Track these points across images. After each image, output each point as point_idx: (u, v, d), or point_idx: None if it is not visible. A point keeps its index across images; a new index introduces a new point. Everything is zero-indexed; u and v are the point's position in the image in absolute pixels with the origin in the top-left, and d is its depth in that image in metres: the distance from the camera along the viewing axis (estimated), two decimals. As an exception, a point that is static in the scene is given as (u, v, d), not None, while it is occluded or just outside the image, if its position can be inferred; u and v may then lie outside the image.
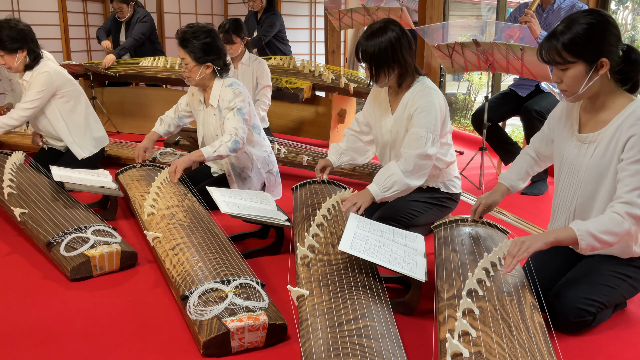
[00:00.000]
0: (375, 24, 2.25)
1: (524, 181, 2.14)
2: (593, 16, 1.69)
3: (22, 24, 3.10)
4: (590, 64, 1.69)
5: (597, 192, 1.78)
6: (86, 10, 6.51)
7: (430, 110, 2.22)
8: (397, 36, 2.21)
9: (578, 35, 1.67)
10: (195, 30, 2.71)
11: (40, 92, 3.13)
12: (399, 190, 2.23)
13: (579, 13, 1.72)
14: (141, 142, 3.01)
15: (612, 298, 1.81)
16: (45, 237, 2.28)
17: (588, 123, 1.83)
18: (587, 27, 1.67)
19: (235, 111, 2.73)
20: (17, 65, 3.10)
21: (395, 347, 1.45)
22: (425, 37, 3.79)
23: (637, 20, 5.36)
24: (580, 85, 1.72)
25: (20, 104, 3.14)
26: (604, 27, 1.68)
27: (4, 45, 3.03)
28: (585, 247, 1.63)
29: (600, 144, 1.75)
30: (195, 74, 2.77)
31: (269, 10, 5.20)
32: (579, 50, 1.68)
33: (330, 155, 2.63)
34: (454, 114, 6.96)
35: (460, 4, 7.37)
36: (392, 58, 2.22)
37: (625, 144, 1.68)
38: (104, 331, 1.80)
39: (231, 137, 2.67)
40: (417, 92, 2.28)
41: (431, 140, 2.21)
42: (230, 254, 2.05)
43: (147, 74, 4.82)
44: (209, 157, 2.65)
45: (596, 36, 1.67)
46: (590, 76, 1.70)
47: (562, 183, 1.91)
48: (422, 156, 2.21)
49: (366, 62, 2.25)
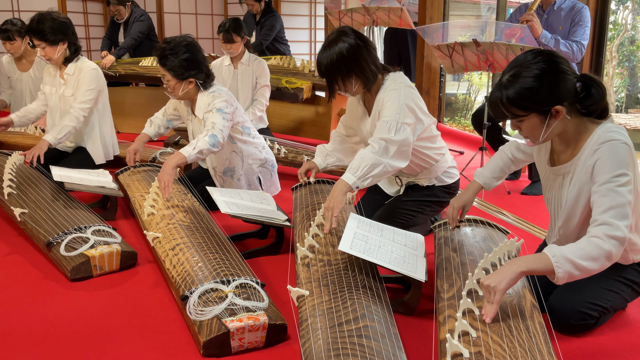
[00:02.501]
0: (330, 36, 2.21)
1: (499, 180, 2.09)
2: (539, 64, 1.58)
3: (63, 16, 3.14)
4: (544, 114, 1.60)
5: (579, 221, 1.73)
6: (86, 10, 6.51)
7: (395, 100, 2.17)
8: (349, 46, 2.15)
9: (524, 89, 1.57)
10: (173, 47, 2.63)
11: (92, 90, 3.17)
12: (368, 164, 2.10)
13: (528, 58, 1.60)
14: (131, 145, 2.99)
15: (615, 303, 1.80)
16: (45, 237, 2.28)
17: (561, 154, 1.77)
18: (533, 79, 1.57)
19: (214, 110, 2.67)
20: (57, 58, 3.11)
21: (395, 347, 1.45)
22: (425, 37, 3.79)
23: (637, 20, 5.36)
24: (539, 133, 1.64)
25: (75, 104, 3.15)
26: (552, 74, 1.58)
27: (45, 37, 3.04)
28: (563, 275, 1.49)
29: (574, 175, 1.70)
30: (178, 90, 2.71)
31: (268, 12, 5.20)
32: (528, 105, 1.59)
33: (316, 158, 2.59)
34: (454, 114, 6.95)
35: (460, 4, 7.37)
36: (345, 69, 2.16)
37: (592, 169, 1.62)
38: (104, 331, 1.80)
39: (208, 131, 2.59)
40: (387, 89, 2.24)
41: (395, 127, 2.13)
42: (230, 254, 2.05)
43: (147, 74, 4.82)
44: (189, 156, 2.52)
45: (544, 87, 1.57)
46: (547, 123, 1.62)
47: (551, 211, 1.87)
48: (386, 140, 2.12)
49: (321, 75, 2.21)
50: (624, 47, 5.46)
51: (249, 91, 4.05)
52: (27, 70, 4.19)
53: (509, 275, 1.48)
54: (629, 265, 1.80)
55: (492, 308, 1.47)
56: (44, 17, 3.02)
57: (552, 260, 1.49)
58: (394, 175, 2.57)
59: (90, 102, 3.18)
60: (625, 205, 1.54)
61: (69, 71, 3.17)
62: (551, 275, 1.51)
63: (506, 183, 3.58)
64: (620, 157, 1.58)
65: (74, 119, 3.11)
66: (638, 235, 1.75)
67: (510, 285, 1.49)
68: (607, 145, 1.60)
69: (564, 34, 3.24)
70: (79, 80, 3.16)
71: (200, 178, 3.07)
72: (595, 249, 1.50)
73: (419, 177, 2.50)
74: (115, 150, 3.52)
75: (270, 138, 3.75)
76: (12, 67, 4.22)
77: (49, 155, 3.07)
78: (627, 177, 1.56)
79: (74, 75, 3.17)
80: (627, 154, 1.59)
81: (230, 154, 2.91)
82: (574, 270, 1.49)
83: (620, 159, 1.57)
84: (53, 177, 2.72)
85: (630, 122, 5.18)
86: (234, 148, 2.91)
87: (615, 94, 5.47)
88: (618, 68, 5.52)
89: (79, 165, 3.17)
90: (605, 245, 1.51)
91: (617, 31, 5.33)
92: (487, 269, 1.74)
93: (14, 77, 4.24)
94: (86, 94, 3.15)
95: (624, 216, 1.53)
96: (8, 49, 4.06)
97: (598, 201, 1.57)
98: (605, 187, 1.56)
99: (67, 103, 3.20)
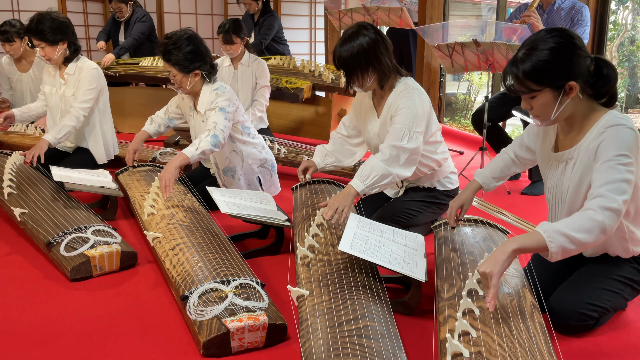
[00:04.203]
0: (349, 29, 2.23)
1: (499, 181, 2.08)
2: (555, 38, 1.58)
3: (62, 16, 3.14)
4: (558, 90, 1.60)
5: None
6: (86, 10, 6.51)
7: (409, 108, 2.19)
8: (370, 40, 2.17)
9: (540, 62, 1.57)
10: (176, 41, 2.64)
11: (93, 89, 3.17)
12: (379, 175, 2.15)
13: (542, 34, 1.61)
14: (130, 144, 2.98)
15: (615, 303, 1.79)
16: (45, 237, 2.28)
17: (564, 140, 1.77)
18: (549, 52, 1.57)
19: (217, 109, 2.68)
20: (56, 57, 3.11)
21: (395, 347, 1.45)
22: (425, 37, 3.80)
23: (637, 20, 5.36)
24: (551, 111, 1.64)
25: (75, 103, 3.15)
26: (567, 49, 1.58)
27: (45, 37, 3.04)
28: (557, 250, 1.45)
29: (577, 160, 1.69)
30: (185, 84, 2.73)
31: (266, 12, 5.19)
32: (543, 78, 1.59)
33: (315, 157, 2.59)
34: (454, 114, 6.95)
35: (460, 4, 7.36)
36: (365, 62, 2.18)
37: (596, 151, 1.61)
38: (104, 331, 1.80)
39: (209, 131, 2.60)
40: (400, 93, 2.26)
41: (408, 135, 2.17)
42: (230, 254, 2.05)
43: (147, 74, 4.82)
44: (192, 156, 2.53)
45: (560, 61, 1.57)
46: (560, 100, 1.62)
47: (551, 202, 1.86)
48: (397, 148, 2.16)
49: (341, 68, 2.23)
50: (624, 47, 5.46)
51: (248, 92, 4.05)
52: (27, 71, 4.20)
53: (502, 257, 1.46)
54: (626, 263, 1.80)
55: (491, 292, 1.45)
56: (43, 17, 3.02)
57: (544, 235, 1.46)
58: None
59: (91, 102, 3.18)
60: (623, 181, 1.52)
61: (69, 71, 3.17)
62: (544, 251, 1.48)
63: (506, 183, 3.58)
64: (625, 140, 1.57)
65: (74, 118, 3.11)
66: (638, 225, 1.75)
67: (505, 267, 1.47)
68: (612, 129, 1.59)
69: (564, 33, 3.23)
70: (80, 80, 3.16)
71: (200, 178, 3.07)
72: (588, 221, 1.47)
73: (420, 181, 2.51)
74: (116, 150, 3.52)
75: (270, 138, 3.75)
76: (11, 68, 4.23)
77: (49, 155, 3.07)
78: (629, 159, 1.55)
79: (74, 75, 3.17)
80: (633, 139, 1.58)
81: (231, 154, 2.91)
82: (567, 244, 1.46)
83: (625, 142, 1.57)
84: (53, 177, 2.72)
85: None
86: (234, 147, 2.91)
87: (615, 94, 5.46)
88: (618, 68, 5.51)
89: (79, 165, 3.17)
90: (598, 216, 1.47)
91: (617, 31, 5.32)
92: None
93: (14, 78, 4.24)
94: (87, 94, 3.15)
95: (621, 191, 1.51)
96: (7, 50, 4.06)
97: (597, 177, 1.56)
98: (605, 165, 1.55)
99: (68, 103, 3.20)
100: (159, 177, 2.49)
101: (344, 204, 2.11)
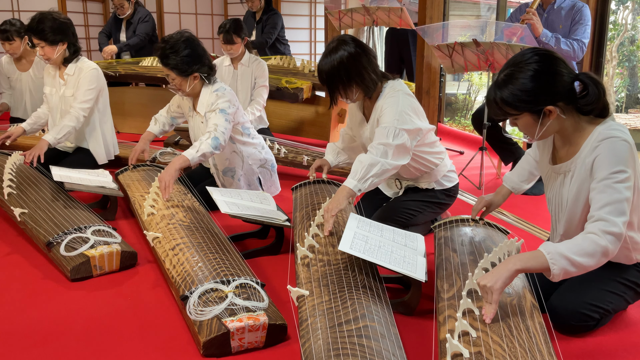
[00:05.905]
0: (330, 44, 2.23)
1: (528, 182, 2.08)
2: (535, 64, 1.58)
3: (63, 17, 3.14)
4: (537, 113, 1.61)
5: (581, 221, 1.72)
6: (86, 10, 6.51)
7: (393, 106, 2.19)
8: (349, 54, 2.17)
9: (517, 90, 1.58)
10: (173, 44, 2.64)
11: (92, 90, 3.17)
12: (366, 164, 2.11)
13: (525, 56, 1.60)
14: (137, 144, 2.99)
15: (617, 305, 1.79)
16: (45, 237, 2.28)
17: (561, 153, 1.77)
18: (527, 80, 1.57)
19: (218, 111, 2.68)
20: (55, 58, 3.11)
21: (395, 347, 1.45)
22: (425, 37, 3.79)
23: (637, 20, 5.36)
24: (534, 131, 1.64)
25: (75, 103, 3.14)
26: (546, 75, 1.58)
27: (45, 37, 3.03)
28: (559, 272, 1.48)
29: (575, 173, 1.69)
30: (185, 86, 2.73)
31: (269, 10, 5.18)
32: (519, 105, 1.60)
33: (327, 155, 2.61)
34: (454, 114, 6.95)
35: (460, 4, 7.36)
36: (346, 77, 2.18)
37: (592, 166, 1.61)
38: (104, 331, 1.80)
39: (210, 134, 2.59)
40: (386, 96, 2.26)
41: (393, 133, 2.15)
42: (230, 254, 2.05)
43: (147, 74, 4.82)
44: (193, 159, 2.52)
45: (538, 88, 1.58)
46: (541, 122, 1.62)
47: (552, 212, 1.87)
48: (384, 144, 2.14)
49: (322, 83, 2.23)
50: (624, 47, 5.46)
51: (248, 92, 4.04)
52: (27, 70, 4.20)
53: (505, 274, 1.48)
54: (631, 267, 1.80)
55: (491, 308, 1.48)
56: (44, 17, 3.02)
57: (547, 257, 1.48)
58: (394, 178, 2.58)
59: (91, 102, 3.18)
60: (623, 201, 1.53)
61: (69, 71, 3.17)
62: (547, 272, 1.51)
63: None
64: (619, 154, 1.57)
65: (74, 118, 3.11)
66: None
67: (506, 284, 1.48)
68: (606, 142, 1.59)
69: (564, 32, 3.24)
70: (79, 80, 3.16)
71: (200, 178, 3.07)
72: (591, 245, 1.49)
73: (418, 181, 2.51)
74: (116, 150, 3.52)
75: (270, 138, 3.75)
76: (11, 67, 4.23)
77: (49, 155, 3.07)
78: (626, 174, 1.55)
79: (74, 75, 3.17)
80: (627, 151, 1.58)
81: (231, 154, 2.91)
82: (569, 266, 1.48)
83: (619, 155, 1.57)
84: (53, 177, 2.72)
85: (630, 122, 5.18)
86: (234, 148, 2.91)
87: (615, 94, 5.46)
88: (618, 68, 5.52)
89: (79, 165, 3.17)
90: (601, 241, 1.50)
91: (617, 31, 5.32)
92: (487, 269, 1.74)
93: (14, 77, 4.24)
94: (86, 94, 3.15)
95: (620, 212, 1.52)
96: (7, 50, 4.06)
97: (595, 198, 1.57)
98: (603, 184, 1.56)
99: (68, 103, 3.20)
100: (159, 179, 2.49)
101: (336, 205, 2.08)
